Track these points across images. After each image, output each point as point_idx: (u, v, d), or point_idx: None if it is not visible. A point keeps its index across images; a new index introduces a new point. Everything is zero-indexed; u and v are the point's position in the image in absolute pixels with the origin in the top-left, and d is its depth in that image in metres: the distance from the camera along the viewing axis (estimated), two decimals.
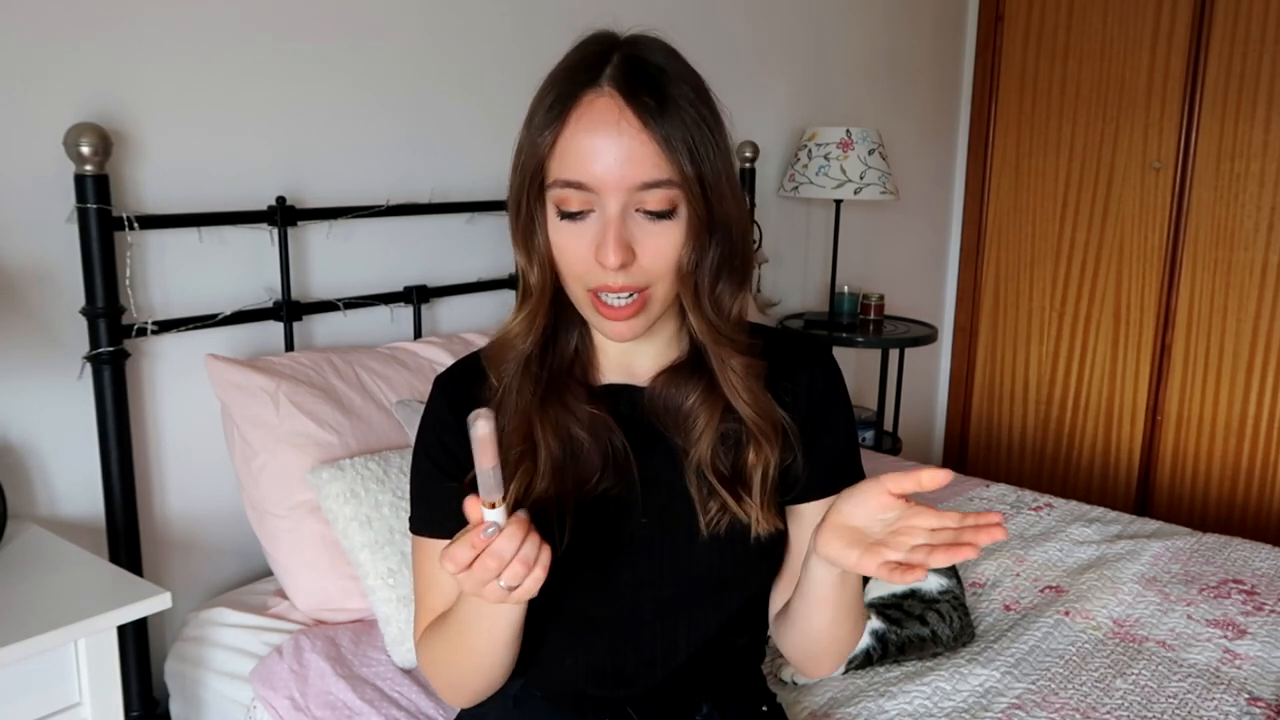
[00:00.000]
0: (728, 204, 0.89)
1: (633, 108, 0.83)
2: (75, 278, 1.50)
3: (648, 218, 0.86)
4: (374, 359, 1.78)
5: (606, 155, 0.83)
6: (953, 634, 1.59)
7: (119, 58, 1.53)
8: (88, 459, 1.55)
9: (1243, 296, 3.08)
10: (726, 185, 0.89)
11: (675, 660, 1.01)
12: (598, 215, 0.86)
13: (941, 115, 3.50)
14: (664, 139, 0.83)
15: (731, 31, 2.59)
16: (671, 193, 0.85)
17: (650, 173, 0.84)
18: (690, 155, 0.85)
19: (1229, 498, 3.19)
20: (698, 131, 0.86)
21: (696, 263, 0.89)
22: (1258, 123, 2.99)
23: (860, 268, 3.17)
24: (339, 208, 1.82)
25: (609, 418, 0.94)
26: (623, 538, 0.96)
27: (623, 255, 0.84)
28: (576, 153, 0.84)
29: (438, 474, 0.97)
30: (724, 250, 0.90)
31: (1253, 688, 1.51)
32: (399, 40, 1.90)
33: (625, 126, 0.83)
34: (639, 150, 0.83)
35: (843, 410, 1.02)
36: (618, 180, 0.84)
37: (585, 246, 0.86)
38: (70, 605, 1.20)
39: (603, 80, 0.85)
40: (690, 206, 0.86)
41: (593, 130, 0.84)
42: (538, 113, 0.88)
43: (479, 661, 0.94)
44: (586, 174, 0.84)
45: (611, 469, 0.94)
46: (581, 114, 0.84)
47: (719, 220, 0.89)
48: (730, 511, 0.94)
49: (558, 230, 0.88)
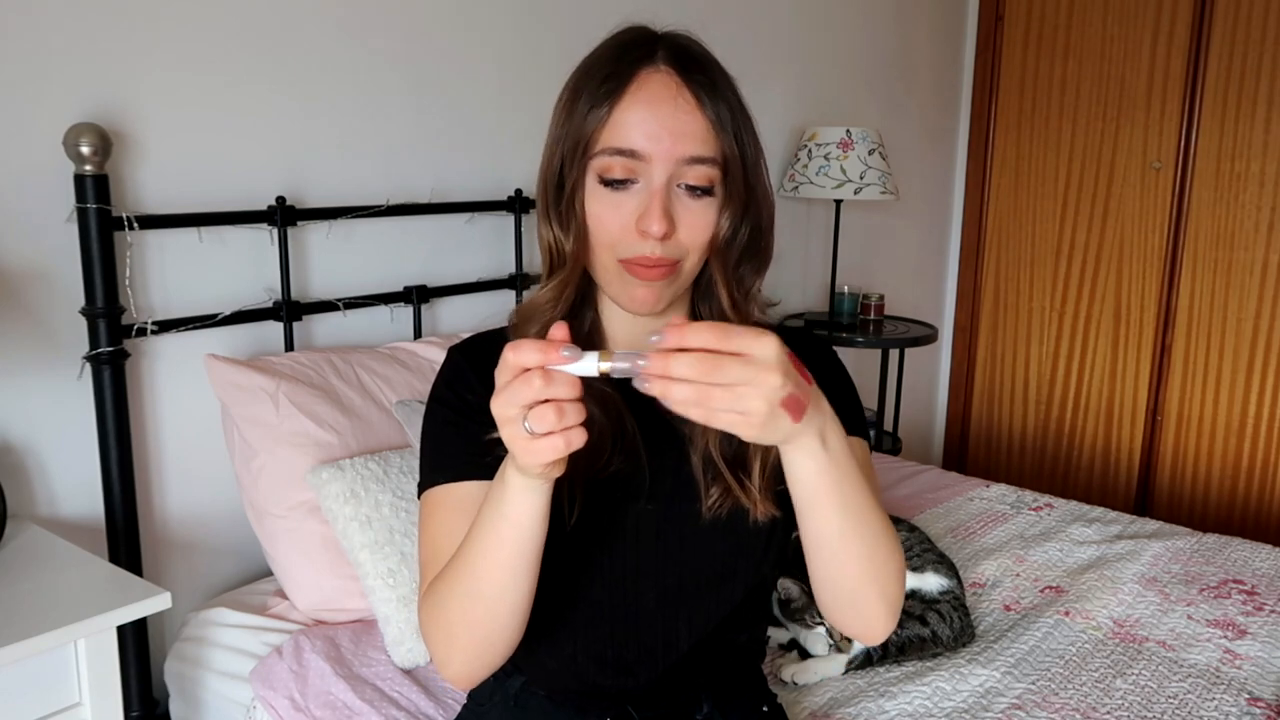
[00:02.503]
0: (759, 190, 0.94)
1: (689, 85, 0.88)
2: (75, 278, 1.50)
3: (689, 193, 0.89)
4: (374, 359, 1.78)
5: (661, 126, 0.87)
6: (953, 634, 1.59)
7: (119, 58, 1.53)
8: (87, 459, 1.55)
9: (1243, 296, 3.08)
10: (762, 174, 0.94)
11: (676, 651, 1.01)
12: (641, 186, 0.88)
13: (941, 115, 3.50)
14: (715, 118, 0.88)
15: (732, 31, 2.59)
16: (714, 171, 0.89)
17: (699, 148, 0.88)
18: (735, 138, 0.90)
19: (1229, 498, 3.19)
20: (741, 117, 0.91)
21: (728, 242, 0.92)
22: (1258, 123, 2.99)
23: (860, 268, 3.17)
24: (339, 208, 1.82)
25: (619, 398, 0.95)
26: (628, 521, 0.97)
27: (666, 225, 0.87)
28: (632, 123, 0.87)
29: (456, 419, 0.96)
30: (752, 233, 0.94)
31: (1253, 688, 1.51)
32: (399, 40, 1.90)
33: (682, 102, 0.87)
34: (691, 125, 0.87)
35: (842, 379, 1.04)
36: (668, 151, 0.87)
37: (624, 216, 0.89)
38: (70, 605, 1.20)
39: (658, 59, 0.89)
40: (728, 187, 0.90)
41: (652, 102, 0.87)
42: (587, 88, 0.90)
43: (487, 591, 0.84)
44: (639, 143, 0.87)
45: (621, 450, 0.95)
46: (640, 87, 0.88)
47: (752, 205, 0.93)
48: (733, 496, 0.95)
49: (597, 199, 0.90)
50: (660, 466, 0.96)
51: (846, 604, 0.90)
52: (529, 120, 2.09)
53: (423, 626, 0.91)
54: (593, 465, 0.93)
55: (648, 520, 0.97)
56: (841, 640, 1.54)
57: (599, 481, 0.94)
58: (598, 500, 0.94)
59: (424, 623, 0.91)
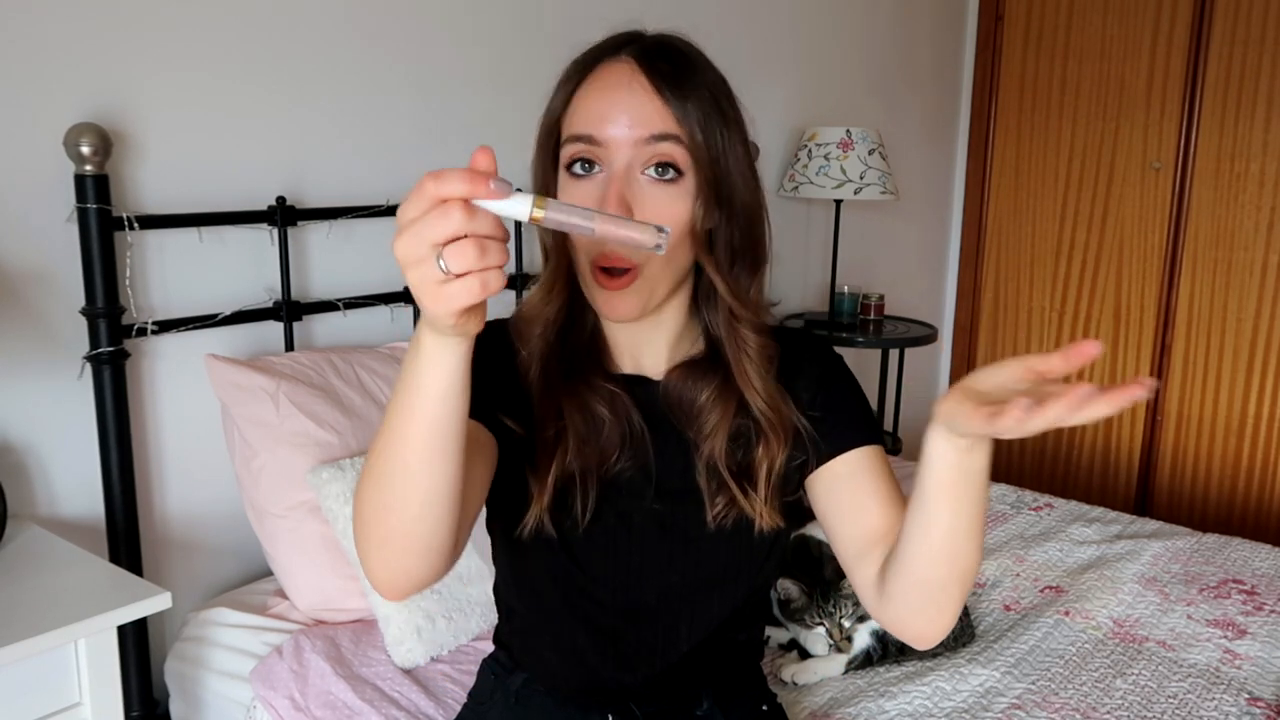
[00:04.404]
0: (739, 187, 0.90)
1: (646, 72, 0.87)
2: (75, 278, 1.50)
3: (654, 180, 0.86)
4: (374, 359, 1.78)
5: (615, 108, 0.86)
6: (953, 634, 1.59)
7: (119, 58, 1.53)
8: (88, 459, 1.55)
9: (1243, 296, 3.08)
10: (739, 169, 0.89)
11: (676, 649, 1.02)
12: (604, 175, 0.87)
13: (941, 115, 3.50)
14: (675, 102, 0.85)
15: (732, 31, 2.59)
16: (676, 149, 0.85)
17: (657, 125, 0.85)
18: (701, 126, 0.86)
19: (1229, 498, 3.19)
20: (712, 110, 0.87)
21: (709, 234, 0.90)
22: (1258, 123, 2.99)
23: (860, 268, 3.17)
24: (339, 208, 1.82)
25: (627, 398, 0.95)
26: (634, 519, 0.97)
27: (619, 209, 0.84)
28: (588, 108, 0.87)
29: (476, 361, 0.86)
30: (738, 232, 0.91)
31: (1253, 688, 1.51)
32: (399, 40, 1.90)
33: (637, 87, 0.86)
34: (647, 106, 0.85)
35: (850, 383, 1.03)
36: (625, 133, 0.85)
37: (590, 206, 0.86)
38: (70, 605, 1.20)
39: (622, 52, 0.89)
40: (698, 173, 0.87)
41: (607, 87, 0.87)
42: (559, 83, 0.91)
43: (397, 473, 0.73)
44: (594, 127, 0.86)
45: (629, 449, 0.95)
46: (597, 75, 0.88)
47: (728, 198, 0.89)
48: (738, 506, 0.95)
49: (565, 191, 0.89)
50: (667, 467, 0.96)
51: (929, 602, 0.84)
52: (529, 120, 2.09)
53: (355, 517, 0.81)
54: (602, 464, 0.94)
55: (653, 519, 0.97)
56: (841, 640, 1.54)
57: (606, 480, 0.95)
58: (605, 498, 0.95)
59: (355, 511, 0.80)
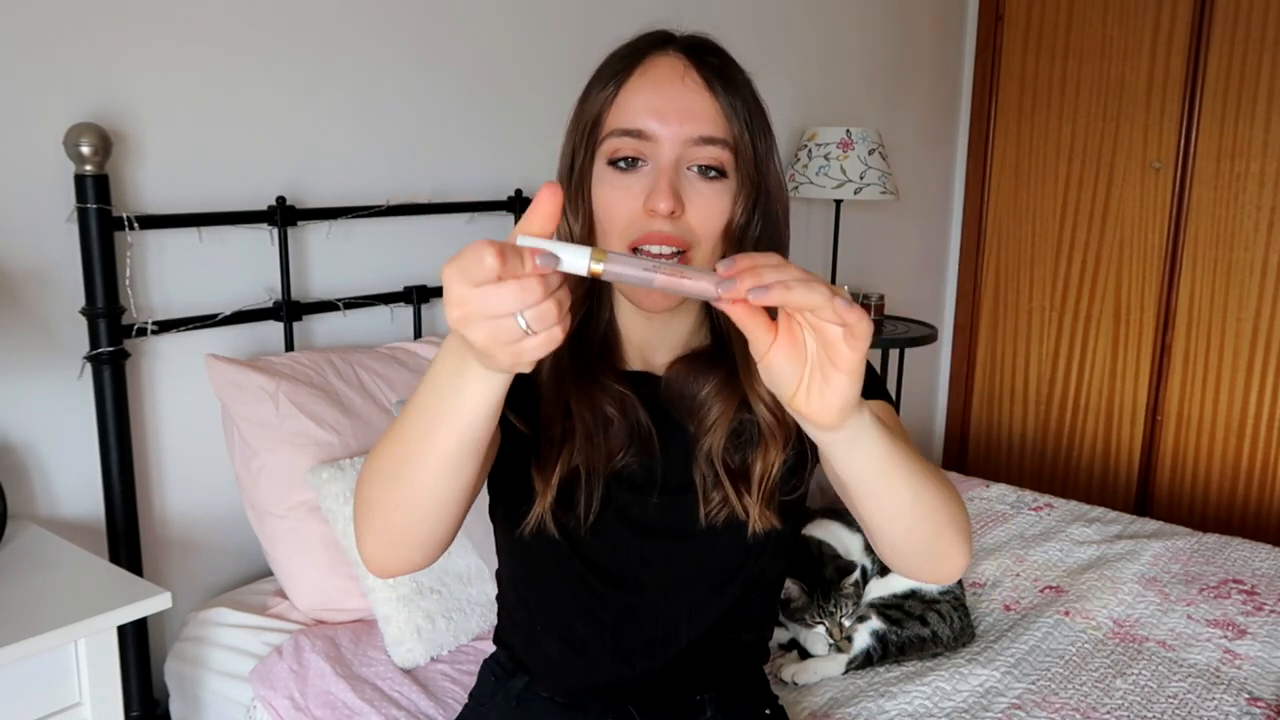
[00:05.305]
0: (773, 184, 0.92)
1: (698, 68, 0.88)
2: (75, 278, 1.50)
3: (699, 176, 0.87)
4: (374, 359, 1.78)
5: (668, 105, 0.86)
6: (953, 634, 1.59)
7: (119, 58, 1.53)
8: (88, 459, 1.55)
9: (1243, 296, 3.08)
10: (774, 167, 0.92)
11: (676, 645, 1.02)
12: (650, 168, 0.87)
13: (941, 115, 3.49)
14: (725, 101, 0.87)
15: (731, 32, 2.58)
16: (724, 154, 0.87)
17: (708, 128, 0.86)
18: (746, 126, 0.89)
19: (1229, 498, 3.19)
20: (755, 108, 0.91)
21: (742, 233, 0.90)
22: (1258, 123, 2.99)
23: (860, 268, 3.17)
24: (339, 208, 1.82)
25: (635, 398, 0.95)
26: (636, 513, 0.97)
27: (673, 202, 0.85)
28: (639, 103, 0.87)
29: None
30: (766, 227, 0.92)
31: (1253, 688, 1.51)
32: (399, 41, 1.90)
33: (690, 83, 0.87)
34: (699, 105, 0.87)
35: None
36: (676, 131, 0.86)
37: (633, 199, 0.87)
38: (70, 605, 1.20)
39: (670, 46, 0.90)
40: (740, 173, 0.88)
41: (658, 82, 0.87)
42: (599, 76, 0.90)
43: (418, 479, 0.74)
44: (645, 123, 0.86)
45: (635, 446, 0.95)
46: (647, 69, 0.88)
47: (763, 196, 0.91)
48: (730, 505, 0.95)
49: (605, 182, 0.89)
50: (670, 463, 0.97)
51: (936, 554, 0.82)
52: (529, 120, 2.09)
53: (357, 494, 0.82)
54: (608, 462, 0.94)
55: (655, 514, 0.98)
56: (841, 640, 1.54)
57: (612, 476, 0.95)
58: (608, 492, 0.95)
59: (355, 493, 0.82)
